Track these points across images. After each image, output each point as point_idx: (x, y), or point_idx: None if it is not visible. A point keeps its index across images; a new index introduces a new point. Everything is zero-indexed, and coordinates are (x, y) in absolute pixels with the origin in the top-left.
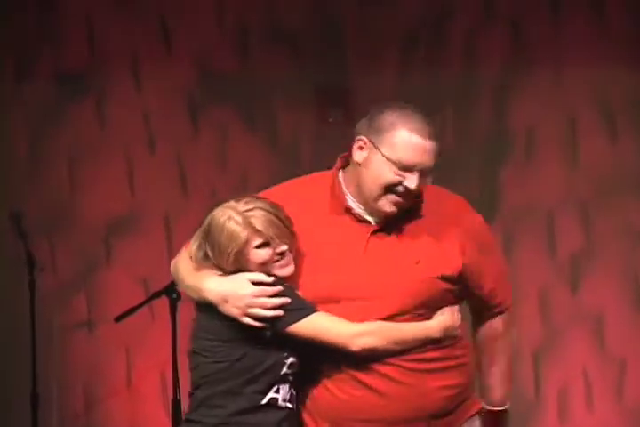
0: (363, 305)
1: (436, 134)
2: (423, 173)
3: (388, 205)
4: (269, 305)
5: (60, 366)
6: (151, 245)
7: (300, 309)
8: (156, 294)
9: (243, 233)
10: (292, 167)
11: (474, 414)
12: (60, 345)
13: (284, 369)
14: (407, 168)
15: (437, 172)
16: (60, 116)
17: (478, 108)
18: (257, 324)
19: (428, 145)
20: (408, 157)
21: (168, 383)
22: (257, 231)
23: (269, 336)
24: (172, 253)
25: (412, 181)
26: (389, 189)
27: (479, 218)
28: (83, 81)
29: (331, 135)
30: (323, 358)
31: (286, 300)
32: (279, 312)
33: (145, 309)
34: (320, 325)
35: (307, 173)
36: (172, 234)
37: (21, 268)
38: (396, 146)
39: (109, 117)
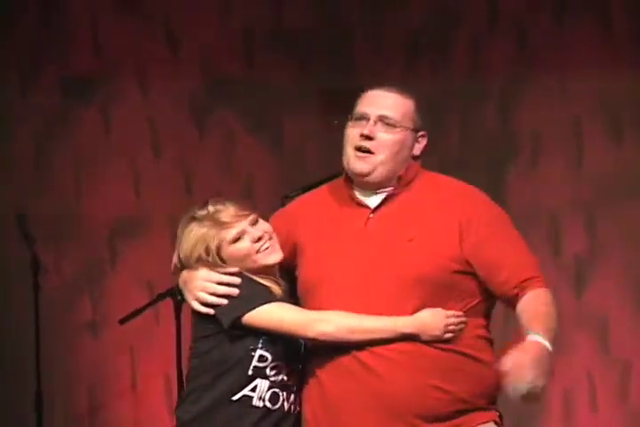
0: (359, 285)
1: (405, 92)
2: (382, 121)
3: (353, 161)
4: (211, 290)
5: (65, 368)
6: (156, 247)
7: (252, 299)
8: (161, 296)
9: (212, 232)
10: (297, 170)
11: (481, 424)
12: (65, 347)
13: (255, 362)
14: (361, 116)
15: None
16: (65, 120)
17: (484, 112)
18: (203, 309)
19: (382, 93)
20: (361, 105)
21: (172, 385)
22: (225, 224)
23: (229, 328)
24: None
25: (363, 127)
26: (354, 147)
27: (488, 206)
28: (88, 85)
29: (336, 139)
30: (312, 353)
31: (233, 290)
32: (222, 300)
33: (150, 311)
34: (273, 314)
35: (311, 176)
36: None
37: (26, 270)
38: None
39: (115, 121)
